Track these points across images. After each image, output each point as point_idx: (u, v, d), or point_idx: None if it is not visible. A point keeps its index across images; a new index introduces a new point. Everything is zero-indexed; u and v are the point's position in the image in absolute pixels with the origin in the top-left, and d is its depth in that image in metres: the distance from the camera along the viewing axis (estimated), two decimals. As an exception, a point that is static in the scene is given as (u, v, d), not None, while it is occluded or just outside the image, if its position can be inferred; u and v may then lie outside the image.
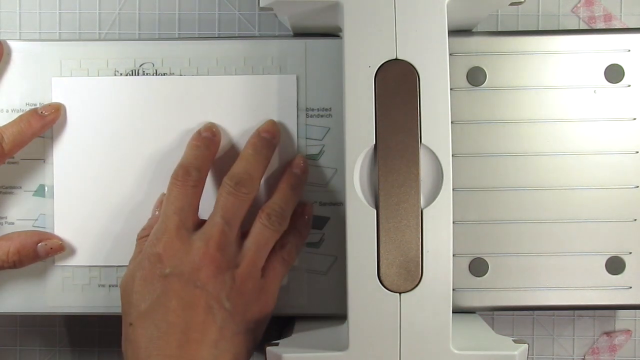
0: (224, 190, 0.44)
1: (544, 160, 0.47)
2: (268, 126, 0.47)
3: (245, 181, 0.44)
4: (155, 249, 0.43)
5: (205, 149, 0.46)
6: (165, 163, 0.47)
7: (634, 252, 0.47)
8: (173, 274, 0.43)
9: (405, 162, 0.41)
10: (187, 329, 0.42)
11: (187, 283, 0.43)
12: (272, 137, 0.47)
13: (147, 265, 0.43)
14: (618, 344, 0.53)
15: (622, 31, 0.49)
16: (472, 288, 0.48)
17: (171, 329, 0.42)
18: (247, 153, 0.46)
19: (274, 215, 0.45)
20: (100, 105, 0.48)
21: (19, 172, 0.48)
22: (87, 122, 0.48)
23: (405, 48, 0.40)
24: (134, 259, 0.45)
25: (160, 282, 0.43)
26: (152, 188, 0.47)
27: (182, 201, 0.44)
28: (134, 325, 0.43)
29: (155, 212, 0.47)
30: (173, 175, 0.45)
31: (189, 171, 0.45)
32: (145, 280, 0.43)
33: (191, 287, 0.43)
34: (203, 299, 0.43)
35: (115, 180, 0.48)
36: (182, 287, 0.43)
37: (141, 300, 0.43)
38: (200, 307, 0.43)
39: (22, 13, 0.52)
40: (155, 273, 0.43)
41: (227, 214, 0.44)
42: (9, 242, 0.46)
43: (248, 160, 0.46)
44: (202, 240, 0.43)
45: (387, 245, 0.40)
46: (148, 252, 0.44)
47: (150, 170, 0.48)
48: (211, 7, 0.52)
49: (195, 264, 0.43)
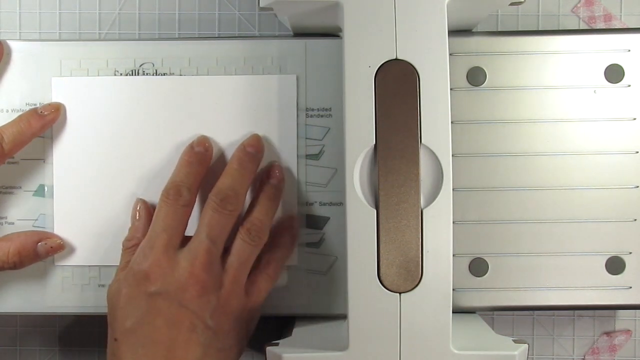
0: (209, 207, 0.44)
1: (544, 160, 0.47)
2: (253, 140, 0.47)
3: (230, 198, 0.44)
4: (142, 266, 0.43)
5: (197, 165, 0.46)
6: (165, 163, 0.47)
7: (634, 252, 0.47)
8: (159, 292, 0.43)
9: (405, 162, 0.41)
10: (172, 347, 0.42)
11: (172, 302, 0.43)
12: (256, 151, 0.47)
13: (132, 282, 0.43)
14: (618, 344, 0.53)
15: (622, 31, 0.49)
16: (472, 288, 0.48)
17: (156, 347, 0.42)
18: (232, 168, 0.46)
19: (254, 230, 0.45)
20: (100, 105, 0.47)
21: (19, 172, 0.48)
22: (87, 122, 0.48)
23: (405, 48, 0.40)
24: (121, 269, 0.45)
25: (145, 300, 0.43)
26: (151, 188, 0.47)
27: (171, 219, 0.44)
28: (119, 341, 0.43)
29: (134, 221, 0.47)
30: (164, 193, 0.45)
31: (181, 191, 0.45)
32: (131, 297, 0.43)
33: (176, 306, 0.43)
34: (188, 318, 0.43)
35: (115, 180, 0.48)
36: (167, 306, 0.43)
37: (126, 317, 0.43)
38: (184, 326, 0.43)
39: (22, 13, 0.52)
40: (141, 290, 0.43)
41: (213, 232, 0.44)
42: (8, 243, 0.46)
43: (233, 176, 0.45)
44: (187, 260, 0.43)
45: (387, 245, 0.40)
46: (135, 268, 0.44)
47: (150, 170, 0.48)
48: (211, 7, 0.52)
49: (181, 284, 0.43)
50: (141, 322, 0.43)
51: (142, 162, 0.48)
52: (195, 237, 0.44)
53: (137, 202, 0.47)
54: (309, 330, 0.46)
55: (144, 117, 0.47)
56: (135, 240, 0.45)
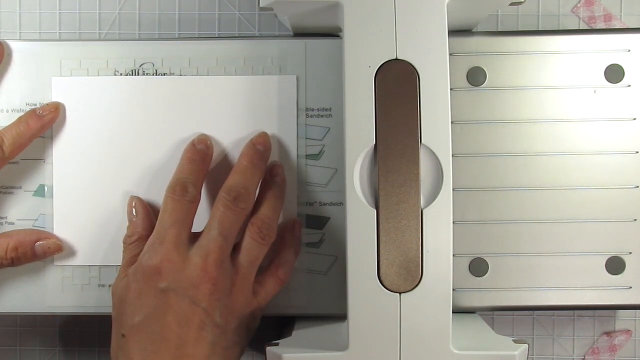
0: (220, 204, 0.44)
1: (544, 160, 0.47)
2: (261, 138, 0.47)
3: (242, 196, 0.44)
4: (152, 261, 0.43)
5: (200, 162, 0.46)
6: (165, 163, 0.47)
7: (634, 252, 0.47)
8: (170, 288, 0.43)
9: (405, 162, 0.41)
10: (181, 344, 0.42)
11: (184, 298, 0.43)
12: (265, 149, 0.46)
13: (142, 277, 0.43)
14: (618, 344, 0.53)
15: (622, 31, 0.49)
16: (472, 288, 0.48)
17: (165, 344, 0.42)
18: (242, 165, 0.46)
19: (264, 228, 0.45)
20: (100, 105, 0.47)
21: (19, 172, 0.48)
22: (87, 121, 0.48)
23: (405, 48, 0.40)
24: (126, 266, 0.45)
25: (155, 296, 0.43)
26: (152, 188, 0.47)
27: (179, 214, 0.44)
28: (127, 337, 0.43)
29: (132, 217, 0.46)
30: (169, 189, 0.45)
31: (187, 187, 0.44)
32: (141, 293, 0.43)
33: (187, 303, 0.43)
34: (198, 316, 0.43)
35: (114, 180, 0.48)
36: (178, 302, 0.43)
37: (135, 312, 0.43)
38: (194, 324, 0.43)
39: (22, 13, 0.52)
40: (150, 286, 0.43)
41: (224, 230, 0.44)
42: (7, 239, 0.46)
43: (244, 174, 0.45)
44: (200, 256, 0.43)
45: (387, 245, 0.40)
46: (145, 264, 0.43)
47: (150, 170, 0.48)
48: (211, 7, 0.52)
49: (193, 281, 0.43)
50: (151, 318, 0.42)
51: (142, 162, 0.48)
52: (205, 233, 0.44)
53: (132, 199, 0.47)
54: (309, 330, 0.46)
55: (143, 117, 0.47)
56: (137, 236, 0.45)
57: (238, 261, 0.44)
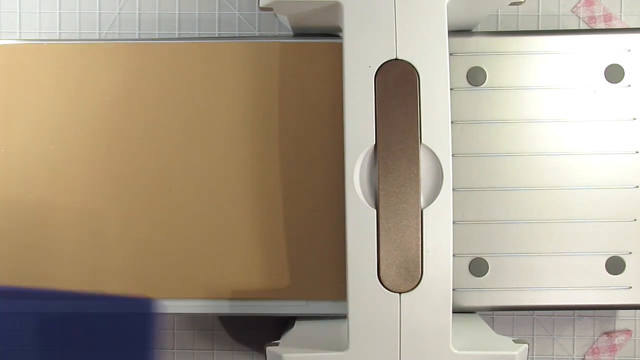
0: None
1: (544, 160, 0.47)
2: None
3: None
4: None
5: None
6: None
7: (634, 252, 0.47)
8: None
9: (405, 162, 0.41)
10: None
11: None
12: None
13: None
14: (618, 344, 0.53)
15: (622, 31, 0.49)
16: (472, 288, 0.48)
17: None
18: None
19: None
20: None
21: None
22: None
23: (405, 48, 0.40)
24: None
25: None
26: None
27: None
28: None
29: None
30: None
31: None
32: None
33: None
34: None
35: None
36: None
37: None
38: None
39: (22, 13, 0.52)
40: None
41: None
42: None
43: None
44: None
45: (387, 245, 0.40)
46: None
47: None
48: (211, 7, 0.52)
49: None
50: None
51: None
52: None
53: None
54: (309, 330, 0.46)
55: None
56: None
57: None
